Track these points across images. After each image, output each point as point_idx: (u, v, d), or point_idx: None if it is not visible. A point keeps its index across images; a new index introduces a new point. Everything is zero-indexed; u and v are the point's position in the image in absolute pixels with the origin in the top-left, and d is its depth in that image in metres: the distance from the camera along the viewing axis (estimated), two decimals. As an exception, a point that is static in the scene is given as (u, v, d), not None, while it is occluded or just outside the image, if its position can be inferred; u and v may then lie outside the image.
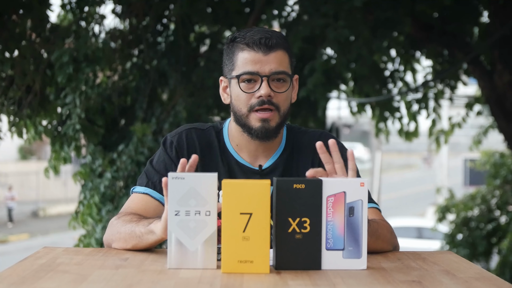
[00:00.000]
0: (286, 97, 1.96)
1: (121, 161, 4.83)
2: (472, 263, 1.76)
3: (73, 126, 4.69)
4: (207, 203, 1.61)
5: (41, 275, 1.56)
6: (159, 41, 5.40)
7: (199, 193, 1.61)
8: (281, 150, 2.04)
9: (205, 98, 5.16)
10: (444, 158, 23.05)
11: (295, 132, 2.08)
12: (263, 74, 1.92)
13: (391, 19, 5.37)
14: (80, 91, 4.64)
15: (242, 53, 1.93)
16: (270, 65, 1.92)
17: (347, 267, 1.64)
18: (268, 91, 1.92)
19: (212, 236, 1.62)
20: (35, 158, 26.23)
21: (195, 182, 1.61)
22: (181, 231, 1.62)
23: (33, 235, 18.35)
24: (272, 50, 1.92)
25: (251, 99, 1.94)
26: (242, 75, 1.93)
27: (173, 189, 1.62)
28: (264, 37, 1.92)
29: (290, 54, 1.99)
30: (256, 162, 2.03)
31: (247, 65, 1.92)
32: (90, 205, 4.87)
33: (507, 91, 6.15)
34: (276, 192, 1.61)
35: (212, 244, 1.62)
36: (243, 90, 1.94)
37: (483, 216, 8.83)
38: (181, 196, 1.62)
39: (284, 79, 1.95)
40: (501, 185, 8.94)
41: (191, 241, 1.62)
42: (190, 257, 1.62)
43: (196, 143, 2.02)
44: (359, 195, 1.64)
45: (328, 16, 4.93)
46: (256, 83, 1.93)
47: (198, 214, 1.62)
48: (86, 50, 4.57)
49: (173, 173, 1.62)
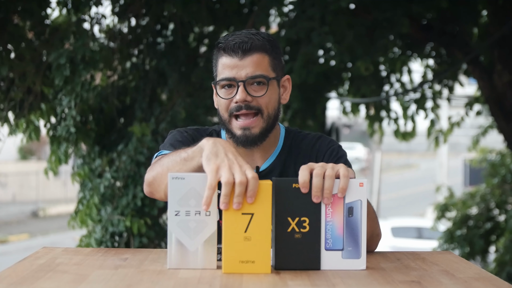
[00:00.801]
0: (268, 100, 1.94)
1: (120, 161, 4.84)
2: (471, 263, 1.76)
3: (67, 128, 4.69)
4: None
5: (40, 275, 1.56)
6: (159, 42, 5.40)
7: (200, 193, 1.61)
8: (277, 152, 2.04)
9: (204, 98, 5.16)
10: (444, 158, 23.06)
11: (293, 135, 2.07)
12: (239, 79, 1.91)
13: (389, 20, 5.38)
14: (76, 94, 4.64)
15: (221, 59, 1.94)
16: (246, 69, 1.91)
17: (346, 267, 1.64)
18: (243, 96, 1.91)
19: (212, 237, 1.62)
20: (35, 158, 26.23)
21: (196, 182, 1.62)
22: (181, 231, 1.62)
23: (33, 235, 18.35)
24: (247, 54, 1.91)
25: (230, 104, 1.94)
26: (220, 82, 1.94)
27: (173, 189, 1.62)
28: (241, 41, 1.91)
29: (274, 56, 1.96)
30: (253, 163, 2.03)
31: (225, 71, 1.92)
32: (90, 206, 4.87)
33: (506, 91, 6.15)
34: (275, 192, 1.61)
35: (212, 245, 1.62)
36: (222, 96, 1.94)
37: (481, 215, 8.84)
38: (181, 196, 1.62)
39: (263, 82, 1.93)
40: (500, 185, 8.95)
41: (191, 241, 1.62)
42: (190, 257, 1.62)
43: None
44: (358, 195, 1.64)
45: (314, 19, 4.93)
46: (234, 88, 1.93)
47: (198, 214, 1.62)
48: (84, 52, 4.56)
49: (173, 173, 1.62)
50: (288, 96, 2.04)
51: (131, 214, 4.73)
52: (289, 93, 2.05)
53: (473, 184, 14.83)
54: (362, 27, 5.39)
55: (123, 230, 4.77)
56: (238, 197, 1.55)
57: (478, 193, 9.16)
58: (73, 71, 4.59)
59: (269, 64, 1.95)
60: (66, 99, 4.68)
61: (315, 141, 2.06)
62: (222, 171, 1.57)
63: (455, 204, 9.25)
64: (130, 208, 4.76)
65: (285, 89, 2.03)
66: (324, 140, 2.06)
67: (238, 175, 1.56)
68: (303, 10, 5.02)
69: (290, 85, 2.05)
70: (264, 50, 1.93)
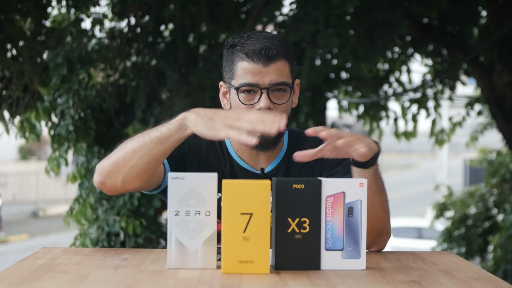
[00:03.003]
0: (286, 107, 1.94)
1: None
2: (471, 263, 1.76)
3: (66, 127, 4.69)
4: (207, 203, 1.62)
5: (40, 275, 1.56)
6: (158, 41, 5.40)
7: (199, 193, 1.61)
8: (282, 154, 2.03)
9: (203, 99, 5.16)
10: (444, 158, 23.06)
11: (296, 136, 2.07)
12: (263, 86, 1.89)
13: (388, 20, 5.38)
14: (74, 92, 4.64)
15: (242, 63, 1.90)
16: (270, 76, 1.89)
17: (346, 267, 1.64)
18: (267, 104, 1.89)
19: (212, 236, 1.62)
20: (35, 158, 26.23)
21: (195, 182, 1.62)
22: (181, 231, 1.62)
23: (33, 235, 18.36)
24: (272, 61, 1.88)
25: (250, 110, 1.91)
26: (241, 87, 1.90)
27: (173, 189, 1.62)
28: (264, 47, 1.88)
29: (291, 61, 1.95)
30: (257, 166, 2.02)
31: (247, 76, 1.89)
32: (85, 205, 4.86)
33: (506, 91, 6.15)
34: (275, 192, 1.61)
35: (212, 244, 1.62)
36: (242, 101, 1.91)
37: (480, 214, 8.84)
38: (181, 196, 1.62)
39: (284, 89, 1.92)
40: (499, 184, 8.94)
41: (191, 241, 1.62)
42: (190, 257, 1.62)
43: (203, 147, 2.02)
44: (358, 195, 1.64)
45: (318, 22, 4.92)
46: (255, 94, 1.90)
47: (198, 214, 1.62)
48: (81, 52, 4.56)
49: (173, 173, 1.62)
50: (297, 99, 2.03)
51: (126, 214, 4.72)
52: (297, 96, 2.04)
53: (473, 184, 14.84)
54: (361, 27, 5.39)
55: (118, 230, 4.77)
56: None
57: (477, 192, 9.16)
58: (70, 70, 4.59)
59: (289, 71, 1.93)
60: (63, 98, 4.68)
61: (318, 142, 2.05)
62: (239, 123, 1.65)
63: (454, 203, 9.24)
64: (126, 208, 4.75)
65: (295, 93, 2.02)
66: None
67: (253, 117, 1.65)
68: (306, 13, 5.02)
69: (299, 89, 2.05)
70: (285, 57, 1.92)
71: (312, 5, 4.96)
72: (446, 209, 9.36)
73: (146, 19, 5.30)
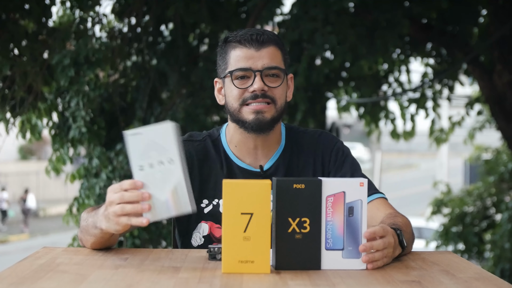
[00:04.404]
0: (281, 92, 1.97)
1: (117, 161, 4.83)
2: (471, 263, 1.76)
3: (79, 130, 4.69)
4: (167, 151, 1.62)
5: (40, 275, 1.56)
6: (159, 41, 5.40)
7: (159, 143, 1.62)
8: (281, 150, 2.03)
9: (203, 98, 5.16)
10: (444, 158, 23.05)
11: (294, 132, 2.07)
12: (256, 69, 1.92)
13: (389, 20, 5.37)
14: (83, 94, 4.64)
15: (235, 51, 1.95)
16: (263, 60, 1.93)
17: (346, 267, 1.64)
18: (261, 85, 1.92)
19: (180, 181, 1.62)
20: (35, 158, 26.22)
21: (153, 135, 1.62)
22: (149, 184, 1.63)
23: (33, 235, 18.36)
24: (264, 45, 1.93)
25: (244, 93, 1.94)
26: (235, 72, 1.94)
27: (133, 146, 1.63)
28: (255, 33, 1.93)
29: (284, 51, 1.99)
30: (256, 163, 2.02)
31: (240, 62, 1.93)
32: (85, 206, 4.86)
33: (506, 91, 6.15)
34: (276, 192, 1.61)
35: (181, 189, 1.62)
36: (236, 86, 1.95)
37: (478, 213, 8.83)
38: (142, 151, 1.62)
39: (278, 74, 1.95)
40: (497, 183, 8.93)
41: (160, 192, 1.63)
42: (164, 207, 1.63)
43: (194, 156, 2.02)
44: (358, 195, 1.64)
45: (317, 20, 4.92)
46: (249, 79, 1.94)
47: (162, 164, 1.62)
48: (87, 52, 4.56)
49: (129, 131, 1.63)
50: (291, 94, 2.06)
51: None
52: (292, 91, 2.06)
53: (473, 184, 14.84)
54: (362, 27, 5.39)
55: None
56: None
57: (475, 191, 9.14)
58: (77, 72, 4.59)
59: (281, 58, 1.97)
60: (74, 100, 4.68)
61: (317, 138, 2.06)
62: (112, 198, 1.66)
63: (452, 200, 9.23)
64: None
65: (289, 87, 2.04)
66: (326, 137, 2.06)
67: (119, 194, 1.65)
68: (306, 11, 5.02)
69: (293, 84, 2.07)
70: (277, 44, 1.97)
71: (311, 3, 4.96)
72: (443, 205, 9.34)
73: (147, 19, 5.30)
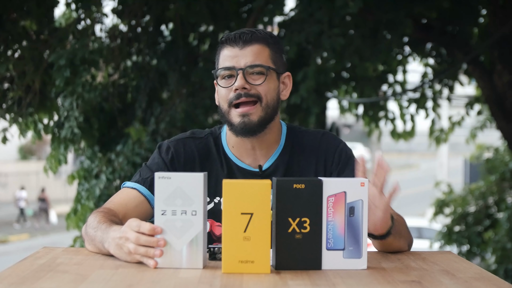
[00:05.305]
0: (268, 89, 1.95)
1: (118, 162, 4.83)
2: (472, 263, 1.76)
3: (71, 129, 4.68)
4: (193, 202, 1.62)
5: (40, 275, 1.55)
6: (159, 41, 5.39)
7: (186, 192, 1.61)
8: (280, 150, 2.02)
9: (203, 98, 5.16)
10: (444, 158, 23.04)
11: (295, 132, 2.06)
12: (238, 67, 1.93)
13: (392, 21, 5.37)
14: (78, 95, 4.64)
15: (223, 52, 1.96)
16: (246, 58, 1.93)
17: (347, 267, 1.64)
18: (242, 83, 1.91)
19: (199, 236, 1.62)
20: (35, 158, 26.22)
21: (182, 182, 1.62)
22: (168, 231, 1.62)
23: (33, 235, 18.35)
24: (248, 44, 1.93)
25: (229, 93, 1.94)
26: (220, 71, 1.95)
27: (160, 189, 1.62)
28: (242, 32, 1.94)
29: (275, 50, 1.98)
30: (255, 163, 2.01)
31: (225, 61, 1.94)
32: (85, 208, 4.86)
33: (506, 91, 6.15)
34: (276, 192, 1.61)
35: (198, 244, 1.62)
36: (222, 85, 1.95)
37: (479, 212, 8.82)
38: (168, 196, 1.62)
39: (261, 71, 1.94)
40: (498, 182, 8.93)
41: (177, 241, 1.62)
42: (176, 257, 1.62)
43: (195, 153, 2.01)
44: (359, 195, 1.64)
45: (322, 22, 4.92)
46: (233, 78, 1.94)
47: (185, 213, 1.62)
48: (84, 53, 4.56)
49: (160, 173, 1.63)
50: (288, 93, 2.04)
51: None
52: (289, 90, 2.04)
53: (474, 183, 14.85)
54: (365, 28, 5.38)
55: None
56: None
57: (477, 190, 9.14)
58: (73, 72, 4.59)
59: (269, 56, 1.96)
60: (68, 100, 4.68)
61: (320, 138, 2.04)
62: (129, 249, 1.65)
63: (454, 200, 9.22)
64: None
65: (286, 85, 2.03)
66: (329, 137, 2.04)
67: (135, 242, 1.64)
68: (310, 13, 5.01)
69: (291, 83, 2.05)
70: (264, 42, 1.96)
71: (315, 6, 4.96)
72: (445, 206, 9.33)
73: (147, 19, 5.29)
